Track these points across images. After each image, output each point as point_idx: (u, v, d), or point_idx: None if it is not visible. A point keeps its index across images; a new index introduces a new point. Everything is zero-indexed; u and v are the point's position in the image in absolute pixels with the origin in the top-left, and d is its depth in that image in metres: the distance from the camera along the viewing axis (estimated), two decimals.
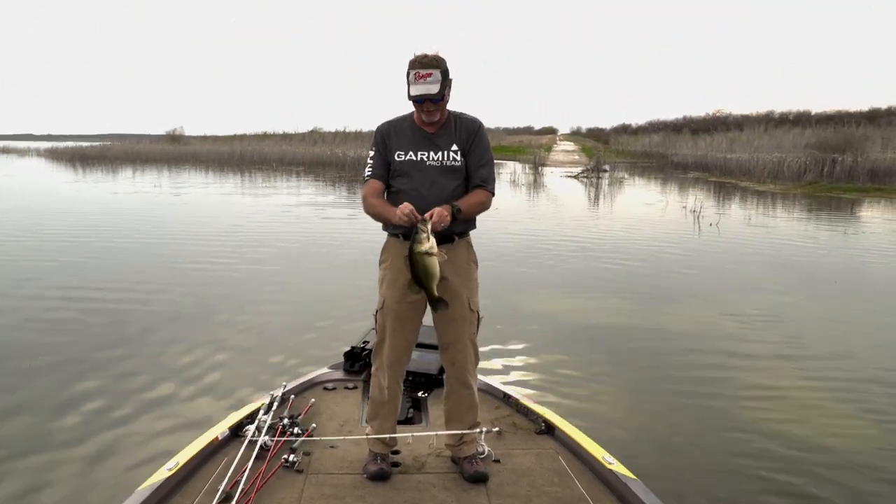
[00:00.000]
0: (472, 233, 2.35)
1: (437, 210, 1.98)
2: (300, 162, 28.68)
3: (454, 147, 2.17)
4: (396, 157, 2.17)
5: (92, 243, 7.90)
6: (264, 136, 38.28)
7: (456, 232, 2.25)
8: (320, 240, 8.32)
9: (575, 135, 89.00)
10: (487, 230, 9.20)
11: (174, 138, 40.05)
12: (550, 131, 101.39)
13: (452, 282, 2.21)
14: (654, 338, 4.44)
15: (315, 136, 34.35)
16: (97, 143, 40.67)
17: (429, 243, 1.98)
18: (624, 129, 59.26)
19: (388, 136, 2.19)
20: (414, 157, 2.16)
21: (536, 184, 19.03)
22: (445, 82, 2.11)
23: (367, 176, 2.19)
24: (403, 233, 2.22)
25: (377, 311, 2.25)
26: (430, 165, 2.18)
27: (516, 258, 7.20)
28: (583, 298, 5.49)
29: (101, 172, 23.24)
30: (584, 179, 20.75)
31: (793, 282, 6.16)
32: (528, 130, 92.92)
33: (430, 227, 1.98)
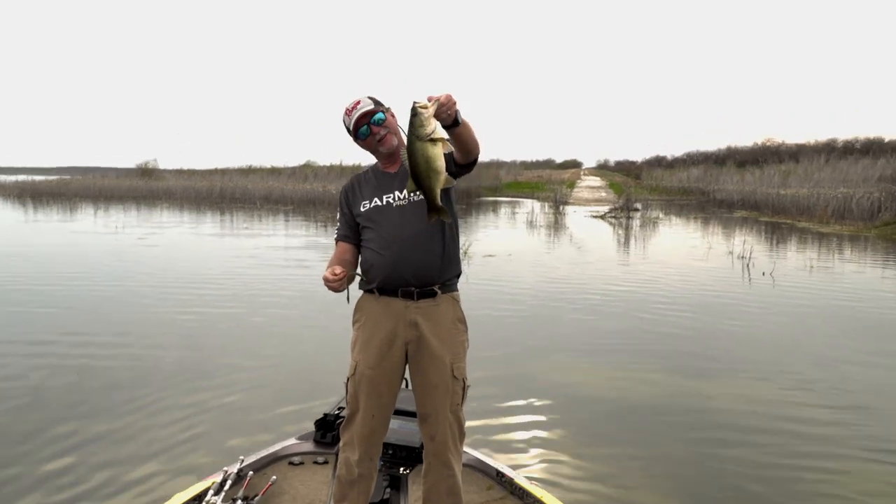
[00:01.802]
0: (469, 287, 2.36)
1: (447, 93, 1.95)
2: (289, 200, 29.22)
3: None
4: (361, 209, 2.29)
5: (35, 292, 7.91)
6: (249, 171, 39.24)
7: (438, 283, 2.27)
8: (305, 291, 8.28)
9: (602, 168, 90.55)
10: (497, 279, 9.13)
11: (145, 172, 41.08)
12: (574, 165, 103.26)
13: (432, 343, 2.22)
14: (693, 415, 4.19)
15: (307, 171, 35.10)
16: (53, 178, 40.58)
17: (432, 126, 1.90)
18: (658, 162, 60.15)
19: (352, 190, 2.36)
20: (379, 203, 2.27)
21: (557, 225, 19.13)
22: (381, 106, 2.29)
23: (335, 237, 2.37)
24: (379, 287, 2.28)
25: (348, 379, 2.28)
26: (396, 206, 2.27)
27: (529, 313, 7.08)
28: (606, 363, 5.29)
29: (56, 211, 23.69)
30: (612, 219, 20.86)
31: (869, 345, 5.88)
32: (548, 164, 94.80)
33: (433, 109, 1.90)
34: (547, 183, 41.68)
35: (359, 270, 2.35)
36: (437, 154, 1.94)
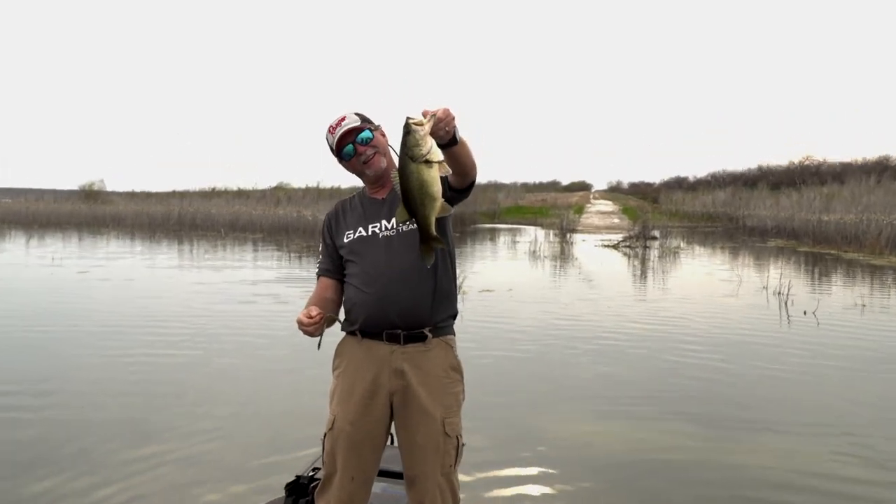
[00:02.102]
0: (464, 327, 2.37)
1: (444, 107, 1.98)
2: (258, 227, 29.33)
3: None
4: (345, 240, 2.36)
5: None
6: (212, 194, 39.32)
7: (429, 325, 2.29)
8: (276, 330, 8.26)
9: (614, 191, 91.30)
10: (496, 317, 9.14)
11: (90, 195, 41.13)
12: (582, 187, 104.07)
13: (420, 395, 2.23)
14: (726, 481, 4.13)
15: (279, 194, 35.25)
16: None
17: (427, 145, 1.92)
18: (678, 184, 60.73)
19: (336, 218, 2.43)
20: (364, 233, 2.33)
21: (564, 255, 19.22)
22: (369, 123, 2.35)
23: (316, 272, 2.47)
24: (362, 328, 2.30)
25: (325, 435, 2.29)
26: (383, 237, 2.32)
27: (533, 357, 7.08)
28: (624, 416, 5.27)
29: None
30: (627, 249, 21.00)
31: None
32: (553, 187, 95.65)
33: (429, 126, 1.92)
34: (552, 208, 42.00)
35: (341, 316, 2.37)
36: (433, 178, 1.97)
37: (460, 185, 2.24)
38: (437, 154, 1.97)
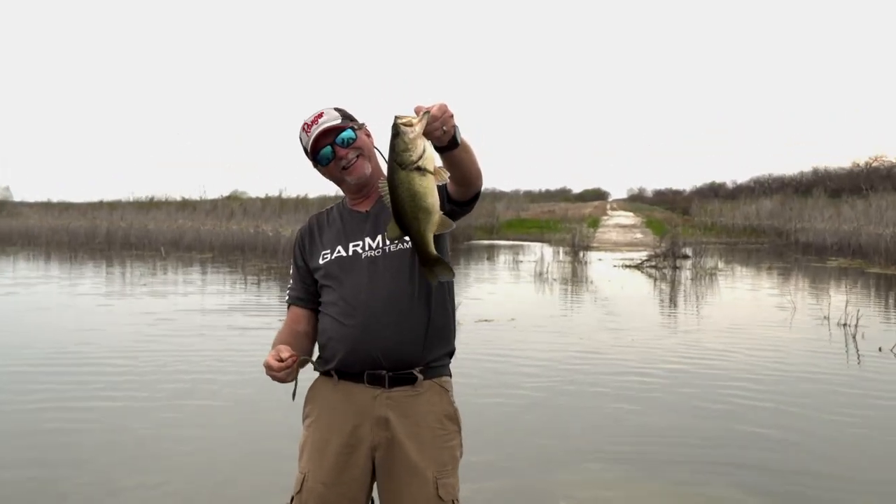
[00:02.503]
0: (457, 364, 2.40)
1: (440, 103, 1.99)
2: (207, 246, 29.35)
3: None
4: (321, 261, 2.39)
5: None
6: (150, 205, 39.28)
7: (421, 365, 2.32)
8: (232, 371, 8.22)
9: (636, 200, 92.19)
10: (496, 353, 9.13)
11: None
12: (598, 196, 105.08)
13: (408, 450, 2.25)
14: None
15: (233, 206, 35.27)
16: None
17: (419, 149, 1.95)
18: (713, 191, 61.22)
19: (310, 235, 2.47)
20: (343, 253, 2.37)
21: (576, 278, 19.35)
22: (351, 121, 2.38)
23: (287, 300, 2.51)
24: (338, 368, 2.33)
25: (292, 499, 2.32)
26: (366, 258, 2.35)
27: (542, 402, 7.06)
28: (656, 477, 5.22)
29: None
30: (653, 270, 21.12)
31: None
32: (562, 195, 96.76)
33: (420, 126, 1.94)
34: (561, 220, 42.17)
35: (314, 356, 2.36)
36: (427, 188, 2.00)
37: (462, 196, 2.25)
38: (432, 159, 1.99)
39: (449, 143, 2.03)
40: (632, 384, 7.79)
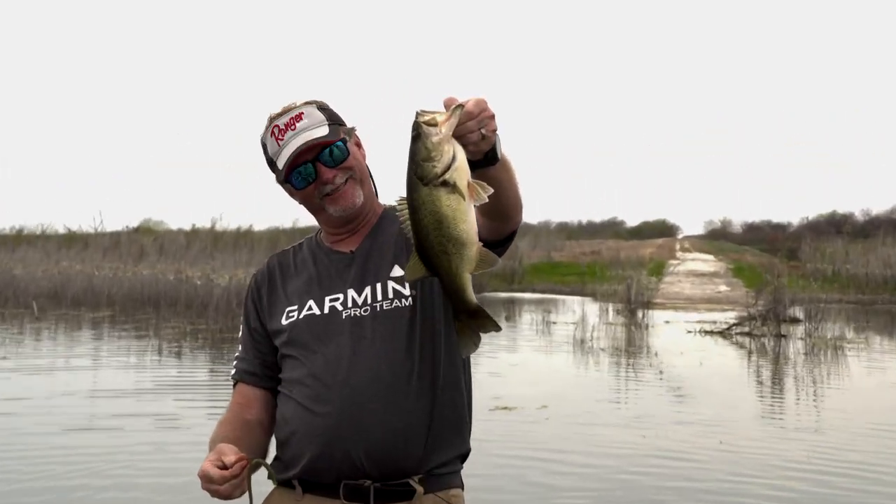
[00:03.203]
0: (469, 470, 2.43)
1: (477, 97, 2.00)
2: (104, 299, 29.12)
3: (396, 269, 2.38)
4: (284, 321, 2.41)
5: None
6: (18, 238, 39.34)
7: (422, 472, 2.31)
8: (137, 492, 8.12)
9: (717, 239, 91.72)
10: (517, 457, 9.11)
11: None
12: (662, 231, 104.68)
13: None
14: None
15: (144, 241, 35.29)
16: None
17: (446, 157, 1.95)
18: (834, 226, 60.95)
19: (269, 283, 2.50)
20: (317, 310, 2.39)
21: (633, 349, 19.35)
22: (339, 126, 2.42)
23: (233, 374, 2.55)
24: (303, 476, 2.33)
25: None
26: (349, 318, 2.36)
27: None
28: None
29: None
30: (745, 340, 21.08)
31: None
32: (611, 229, 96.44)
33: (450, 125, 1.94)
34: (610, 265, 42.17)
35: (270, 458, 2.36)
36: (458, 209, 1.99)
37: (495, 234, 2.28)
38: (465, 171, 1.99)
39: (486, 157, 2.04)
40: None
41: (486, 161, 2.05)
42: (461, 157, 1.97)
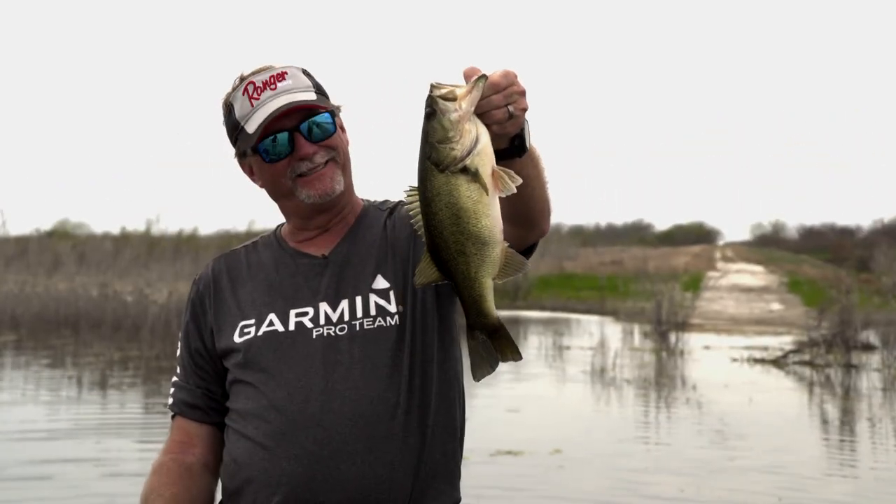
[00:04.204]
0: None
1: (504, 69, 2.01)
2: (7, 319, 29.12)
3: (380, 280, 2.44)
4: (238, 338, 2.43)
5: None
6: None
7: None
8: None
9: (766, 246, 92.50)
10: None
11: None
12: (699, 236, 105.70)
13: None
14: None
15: (58, 247, 35.34)
16: None
17: (467, 138, 1.97)
18: None
19: (216, 291, 2.53)
20: (279, 326, 2.42)
21: (665, 380, 19.57)
22: (325, 97, 2.48)
23: (170, 405, 2.58)
24: None
25: None
26: (321, 338, 2.39)
27: None
28: None
29: None
30: (805, 370, 21.22)
31: None
32: (636, 233, 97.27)
33: (471, 100, 1.95)
34: (636, 278, 42.09)
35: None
36: (480, 201, 2.01)
37: (518, 241, 2.24)
38: (489, 156, 1.97)
39: (511, 145, 2.04)
40: None
41: (511, 151, 2.02)
42: (485, 138, 1.96)
